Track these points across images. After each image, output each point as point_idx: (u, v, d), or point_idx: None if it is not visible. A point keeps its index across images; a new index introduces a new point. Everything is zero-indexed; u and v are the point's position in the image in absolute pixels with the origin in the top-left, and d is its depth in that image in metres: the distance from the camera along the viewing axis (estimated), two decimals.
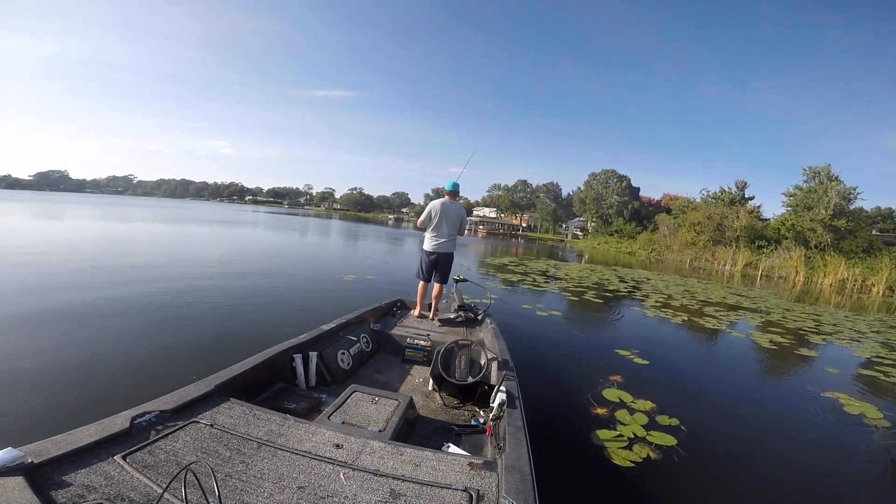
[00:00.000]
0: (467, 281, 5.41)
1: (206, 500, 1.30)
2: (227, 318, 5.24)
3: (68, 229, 15.42)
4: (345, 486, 1.51)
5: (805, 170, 33.51)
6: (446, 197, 4.66)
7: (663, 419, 3.49)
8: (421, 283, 4.62)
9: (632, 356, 5.24)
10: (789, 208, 33.65)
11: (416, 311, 4.62)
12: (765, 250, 28.39)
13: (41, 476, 1.29)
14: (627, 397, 3.86)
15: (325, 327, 3.38)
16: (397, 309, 4.83)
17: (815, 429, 3.89)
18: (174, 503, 1.28)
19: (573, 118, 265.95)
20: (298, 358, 2.86)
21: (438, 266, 4.66)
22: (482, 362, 3.15)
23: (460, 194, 4.84)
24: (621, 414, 3.50)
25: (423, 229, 4.69)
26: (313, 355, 2.94)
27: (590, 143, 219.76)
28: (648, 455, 2.90)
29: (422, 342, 3.74)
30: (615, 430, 3.22)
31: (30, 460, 1.30)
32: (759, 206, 38.11)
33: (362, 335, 3.72)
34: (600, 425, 3.28)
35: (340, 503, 1.42)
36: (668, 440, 3.14)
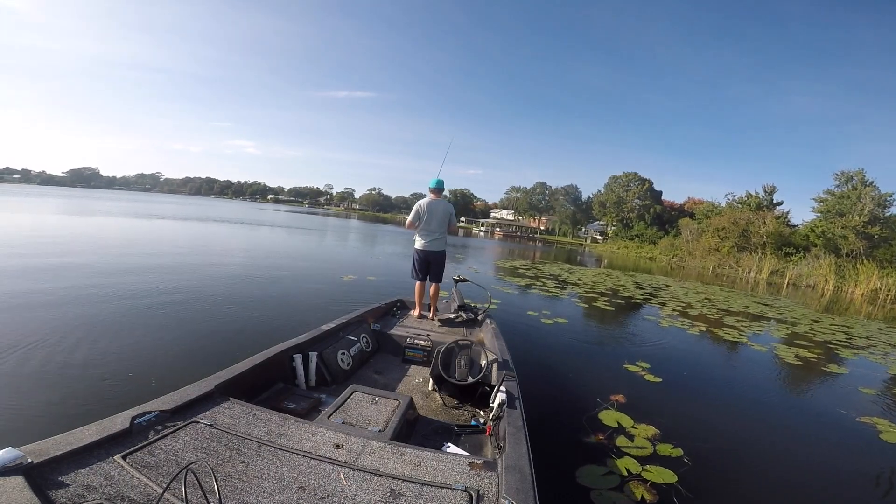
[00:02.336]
0: (467, 281, 5.35)
1: (207, 500, 1.30)
2: (227, 317, 5.26)
3: (81, 226, 15.71)
4: (345, 486, 1.51)
5: (837, 174, 32.50)
6: (432, 195, 4.63)
7: (665, 448, 3.10)
8: (417, 283, 4.62)
9: (642, 372, 4.85)
10: (819, 214, 32.57)
11: (415, 312, 4.62)
12: (792, 258, 27.48)
13: (41, 476, 1.29)
14: (628, 421, 3.46)
15: (325, 327, 3.40)
16: (397, 309, 4.84)
17: (848, 463, 3.38)
18: (174, 503, 1.28)
19: (594, 120, 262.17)
20: (298, 358, 2.88)
21: (431, 265, 4.65)
22: (482, 362, 3.15)
23: (479, 195, 4.79)
24: (620, 441, 3.15)
25: (413, 229, 4.69)
26: (313, 355, 2.95)
27: (611, 145, 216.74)
28: (643, 497, 2.57)
29: (422, 342, 3.74)
30: (605, 465, 2.81)
31: (30, 460, 1.30)
32: (787, 212, 36.98)
33: (362, 335, 3.73)
34: (591, 458, 2.90)
35: (340, 503, 1.42)
36: (668, 476, 2.74)
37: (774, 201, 38.95)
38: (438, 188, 4.64)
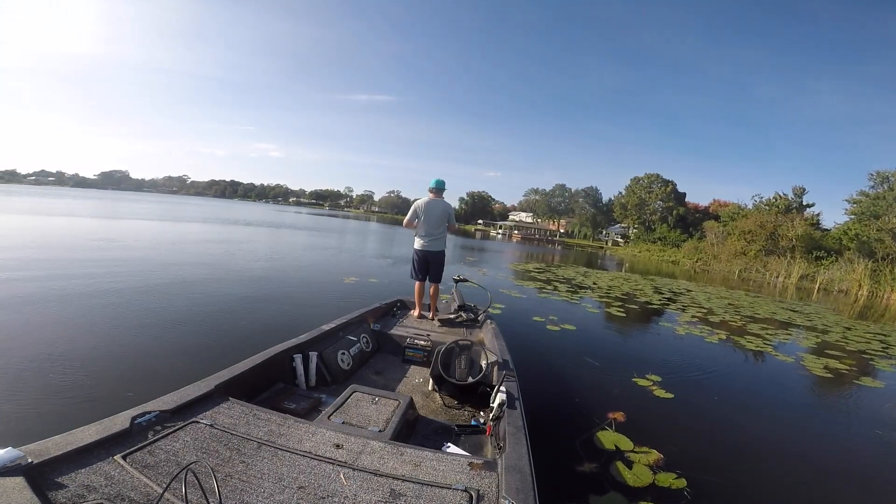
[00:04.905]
0: (467, 281, 5.31)
1: (207, 500, 1.30)
2: (228, 317, 5.28)
3: (101, 228, 16.12)
4: (345, 486, 1.51)
5: (872, 175, 31.29)
6: (431, 195, 4.65)
7: (666, 478, 2.72)
8: (417, 282, 4.64)
9: (652, 386, 4.44)
10: (853, 216, 31.29)
11: (415, 312, 4.64)
12: (824, 262, 26.44)
13: (41, 476, 1.30)
14: (627, 444, 3.09)
15: (326, 327, 3.42)
16: (397, 309, 4.86)
17: (887, 497, 2.95)
18: (174, 503, 1.28)
19: (614, 121, 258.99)
20: (298, 358, 2.90)
21: (431, 265, 4.67)
22: (482, 363, 3.15)
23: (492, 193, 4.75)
24: (616, 467, 2.81)
25: (411, 228, 4.71)
26: (313, 355, 2.97)
27: (632, 146, 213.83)
28: None
29: (422, 342, 3.74)
30: (587, 502, 2.46)
31: (30, 460, 1.31)
32: (818, 214, 35.60)
33: (362, 335, 3.75)
34: (577, 490, 2.55)
35: (340, 503, 1.42)
36: None
37: (804, 203, 37.62)
38: (438, 188, 4.67)
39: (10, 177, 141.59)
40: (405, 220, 4.74)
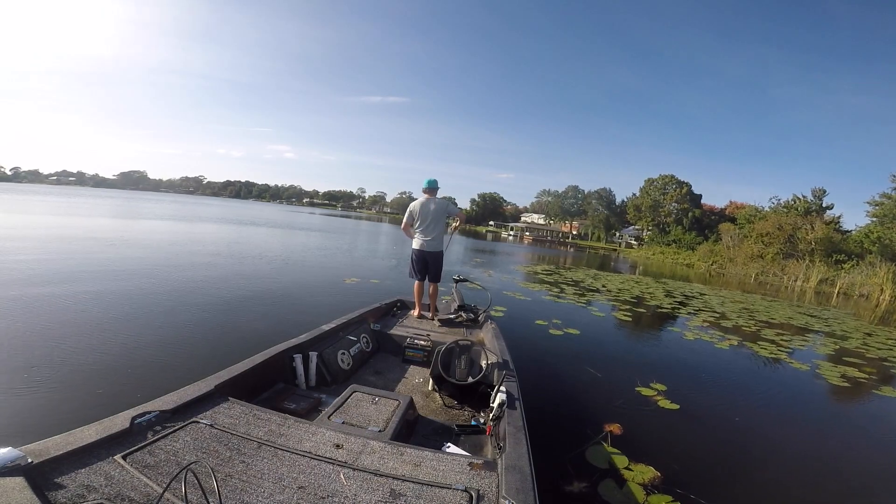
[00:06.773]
0: (467, 281, 5.30)
1: (207, 499, 1.31)
2: (228, 318, 5.31)
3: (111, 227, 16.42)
4: (345, 486, 1.51)
5: (894, 176, 30.31)
6: (426, 195, 4.67)
7: (659, 501, 2.50)
8: (416, 282, 4.64)
9: (657, 396, 4.20)
10: (874, 219, 30.46)
11: (415, 312, 4.65)
12: (844, 265, 25.74)
13: (41, 476, 1.31)
14: (622, 460, 2.88)
15: (326, 327, 3.43)
16: (397, 309, 4.87)
17: None
18: (175, 503, 1.29)
19: (629, 122, 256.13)
20: (298, 358, 2.91)
21: (429, 265, 4.66)
22: (482, 363, 3.15)
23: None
24: (604, 486, 2.58)
25: (409, 229, 4.71)
26: (313, 355, 2.98)
27: (647, 148, 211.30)
28: None
29: (422, 342, 3.74)
30: None
31: (30, 460, 1.32)
32: (838, 217, 34.69)
33: (362, 335, 3.76)
34: (577, 497, 2.41)
35: (341, 503, 1.42)
36: None
37: (824, 205, 36.73)
38: (432, 188, 4.68)
39: (34, 177, 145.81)
40: (403, 223, 4.74)
